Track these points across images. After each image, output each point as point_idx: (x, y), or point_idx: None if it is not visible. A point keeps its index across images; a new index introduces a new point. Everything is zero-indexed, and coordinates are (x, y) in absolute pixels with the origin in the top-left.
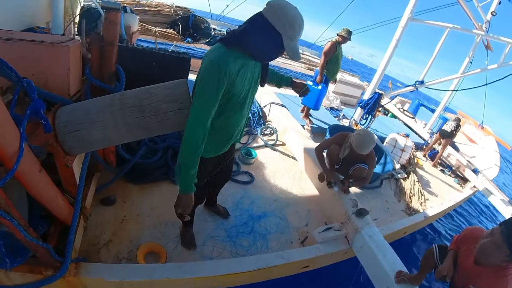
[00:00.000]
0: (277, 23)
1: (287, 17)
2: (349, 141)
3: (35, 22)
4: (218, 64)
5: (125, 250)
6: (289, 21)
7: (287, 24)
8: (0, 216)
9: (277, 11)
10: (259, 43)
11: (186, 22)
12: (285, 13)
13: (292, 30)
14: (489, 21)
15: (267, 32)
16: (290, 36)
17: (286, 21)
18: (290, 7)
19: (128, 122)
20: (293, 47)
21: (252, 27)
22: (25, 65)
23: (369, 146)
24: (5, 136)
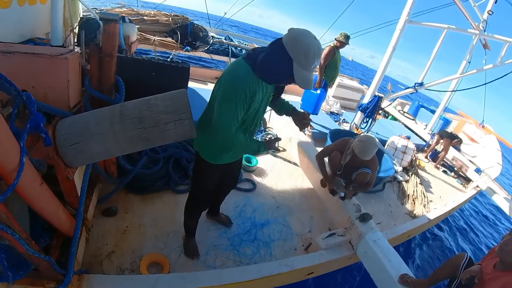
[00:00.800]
0: (291, 49)
1: (302, 45)
2: (351, 147)
3: (35, 33)
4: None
5: (128, 261)
6: (304, 49)
7: (301, 52)
8: (1, 230)
9: (294, 38)
10: (271, 66)
11: (185, 30)
12: (301, 40)
13: (305, 58)
14: (486, 20)
15: (280, 57)
16: (302, 64)
17: (300, 48)
18: (307, 36)
19: (128, 133)
20: (302, 76)
21: (269, 51)
22: (24, 77)
23: (372, 152)
24: (5, 152)
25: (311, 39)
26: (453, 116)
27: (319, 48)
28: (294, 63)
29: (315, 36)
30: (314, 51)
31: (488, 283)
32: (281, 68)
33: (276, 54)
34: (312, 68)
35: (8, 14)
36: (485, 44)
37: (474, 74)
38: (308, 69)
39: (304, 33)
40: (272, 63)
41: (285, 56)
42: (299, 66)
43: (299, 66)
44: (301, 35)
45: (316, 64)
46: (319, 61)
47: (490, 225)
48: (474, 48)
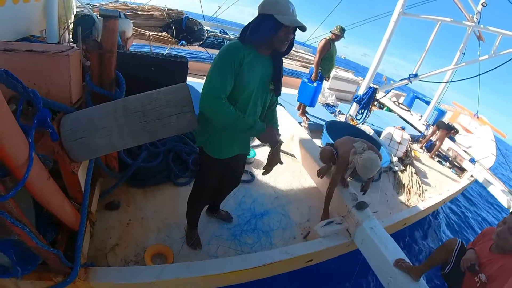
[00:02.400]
0: (266, 8)
1: (269, 1)
2: (353, 163)
3: (29, 31)
4: (229, 47)
5: (132, 253)
6: (273, 2)
7: (273, 3)
8: (13, 225)
9: (263, 1)
10: (255, 29)
11: (180, 24)
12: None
13: (278, 5)
14: (480, 12)
15: (261, 19)
16: (280, 11)
17: (270, 2)
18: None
19: (132, 127)
20: (289, 18)
21: (251, 22)
22: (26, 75)
23: (374, 172)
24: (15, 147)
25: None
26: (448, 107)
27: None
28: (275, 15)
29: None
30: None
31: (485, 265)
32: (266, 27)
33: (257, 19)
34: (291, 12)
35: (2, 12)
36: (479, 35)
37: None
38: (288, 13)
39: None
40: (256, 25)
41: (264, 16)
42: (279, 16)
43: (279, 16)
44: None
45: (292, 8)
46: (293, 6)
47: (484, 213)
48: (468, 39)
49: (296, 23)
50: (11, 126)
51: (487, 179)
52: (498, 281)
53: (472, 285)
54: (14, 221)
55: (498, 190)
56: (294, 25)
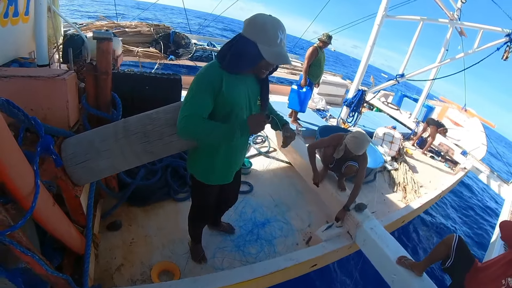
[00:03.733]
0: (249, 33)
1: (256, 24)
2: (344, 142)
3: (18, 53)
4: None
5: (138, 272)
6: (260, 26)
7: (258, 30)
8: (22, 253)
9: (249, 22)
10: (235, 56)
11: (167, 39)
12: (255, 20)
13: (264, 34)
14: (460, 8)
15: (242, 45)
16: (265, 41)
17: (256, 27)
18: (260, 16)
19: (134, 148)
20: (273, 52)
21: (231, 42)
22: (22, 101)
23: (364, 147)
24: (21, 176)
25: (263, 16)
26: (436, 103)
27: (274, 20)
28: (258, 44)
29: (269, 14)
30: (271, 24)
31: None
32: (246, 53)
33: (237, 43)
34: (279, 43)
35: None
36: (461, 31)
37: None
38: (274, 44)
39: (254, 16)
40: (235, 52)
41: (245, 42)
42: (263, 45)
43: (263, 45)
44: (254, 17)
45: (282, 38)
46: (284, 35)
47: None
48: (451, 36)
49: (280, 60)
50: (17, 156)
51: (479, 169)
52: None
53: (497, 285)
54: (23, 250)
55: (491, 179)
56: (276, 63)
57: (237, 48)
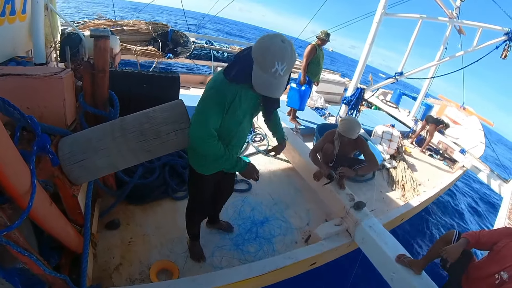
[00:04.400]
0: (254, 50)
1: (261, 44)
2: (337, 133)
3: (15, 52)
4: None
5: (137, 271)
6: (263, 48)
7: (259, 51)
8: (19, 254)
9: (259, 39)
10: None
11: (165, 37)
12: (262, 40)
13: (262, 57)
14: (459, 6)
15: (245, 56)
16: (260, 65)
17: (259, 47)
18: (270, 38)
19: (131, 146)
20: (262, 78)
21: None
22: (19, 99)
23: (356, 129)
24: (17, 175)
25: (275, 39)
26: (435, 101)
27: (282, 49)
28: (254, 64)
29: (286, 39)
30: (273, 51)
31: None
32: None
33: (244, 59)
34: (272, 72)
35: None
36: (460, 29)
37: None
38: (266, 71)
39: (271, 35)
40: (238, 64)
41: (249, 57)
42: (257, 67)
43: (257, 67)
44: (267, 36)
45: (278, 69)
46: (284, 67)
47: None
48: (450, 34)
49: (263, 89)
50: (13, 154)
51: (478, 167)
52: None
53: (491, 282)
54: (20, 250)
55: (489, 177)
56: (257, 90)
57: (240, 58)
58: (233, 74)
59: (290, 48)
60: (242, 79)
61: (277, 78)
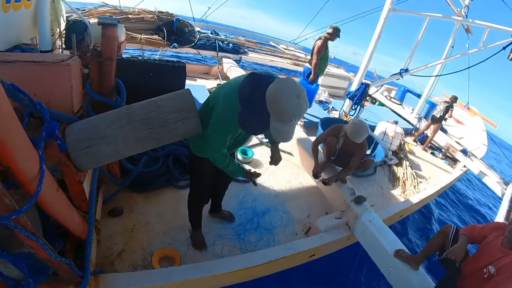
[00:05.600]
0: (269, 104)
1: (278, 104)
2: (344, 130)
3: (20, 39)
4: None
5: (139, 258)
6: (279, 108)
7: (276, 109)
8: (27, 238)
9: (274, 94)
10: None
11: (171, 27)
12: (279, 99)
13: (280, 116)
14: (468, 5)
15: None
16: (278, 119)
17: (276, 107)
18: (287, 94)
19: (138, 134)
20: (280, 128)
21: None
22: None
23: (364, 134)
24: (27, 161)
25: (290, 98)
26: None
27: (298, 108)
28: (271, 115)
29: (301, 93)
30: (291, 109)
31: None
32: (259, 122)
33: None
34: (290, 125)
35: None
36: (468, 29)
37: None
38: (284, 123)
39: (285, 89)
40: (252, 118)
41: (264, 109)
42: (275, 119)
43: (275, 119)
44: (282, 92)
45: (295, 121)
46: (298, 120)
47: (478, 201)
48: (457, 33)
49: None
50: (23, 140)
51: (479, 168)
52: (507, 274)
53: (480, 276)
54: (28, 235)
55: (491, 179)
56: (275, 138)
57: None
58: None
59: (305, 104)
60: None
61: (292, 126)
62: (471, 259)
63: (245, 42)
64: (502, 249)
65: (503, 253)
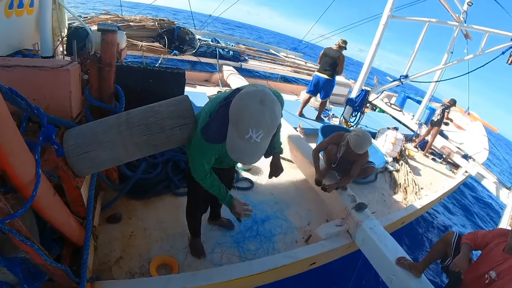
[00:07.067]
0: (231, 109)
1: (237, 104)
2: (346, 139)
3: (22, 45)
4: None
5: (137, 265)
6: (238, 110)
7: (235, 112)
8: (22, 243)
9: (236, 96)
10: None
11: (171, 34)
12: (239, 100)
13: (236, 122)
14: (466, 11)
15: (222, 116)
16: (235, 128)
17: (235, 108)
18: (248, 97)
19: (136, 140)
20: (235, 142)
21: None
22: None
23: (366, 146)
24: (22, 164)
25: (252, 101)
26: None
27: (258, 114)
28: (230, 125)
29: (267, 99)
30: (248, 115)
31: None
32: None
33: (220, 114)
34: (247, 138)
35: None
36: (466, 34)
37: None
38: (240, 135)
39: (250, 91)
40: (214, 123)
41: (226, 114)
42: (232, 129)
43: (232, 129)
44: (246, 94)
45: (253, 135)
46: (259, 135)
47: (480, 207)
48: (456, 38)
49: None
50: (19, 144)
51: (481, 174)
52: (508, 277)
53: (481, 282)
54: (23, 239)
55: (492, 184)
56: (229, 154)
57: (217, 116)
58: (210, 134)
59: (269, 112)
60: (220, 139)
61: (252, 144)
62: (472, 267)
63: (245, 49)
64: (503, 255)
65: (504, 258)
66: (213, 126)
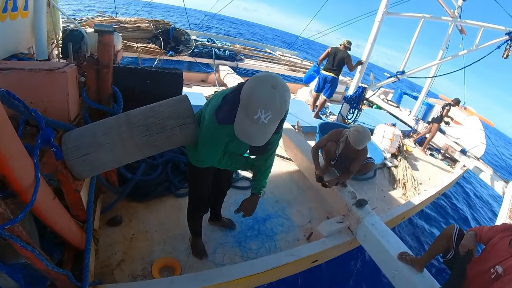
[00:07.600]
0: (242, 93)
1: (250, 87)
2: (345, 136)
3: (17, 48)
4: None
5: (139, 267)
6: (250, 92)
7: (247, 94)
8: (22, 248)
9: (249, 80)
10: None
11: (167, 35)
12: (252, 83)
13: (247, 102)
14: (461, 6)
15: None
16: (244, 109)
17: (247, 90)
18: (260, 81)
19: (136, 141)
20: (243, 123)
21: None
22: (22, 93)
23: (365, 142)
24: (22, 168)
25: (265, 85)
26: (436, 101)
27: (269, 97)
28: (239, 106)
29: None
30: (259, 97)
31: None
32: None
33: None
34: (255, 119)
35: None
36: (461, 29)
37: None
38: (248, 116)
39: (263, 77)
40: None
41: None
42: (241, 110)
43: (241, 110)
44: (259, 79)
45: (261, 117)
46: (268, 116)
47: (479, 201)
48: (451, 33)
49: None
50: (18, 148)
51: (479, 167)
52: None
53: (487, 277)
54: (23, 245)
55: (490, 177)
56: (237, 134)
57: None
58: (221, 116)
59: (280, 97)
60: (231, 120)
61: (259, 125)
62: (476, 261)
63: (241, 49)
64: (510, 249)
65: (510, 253)
66: (225, 109)
